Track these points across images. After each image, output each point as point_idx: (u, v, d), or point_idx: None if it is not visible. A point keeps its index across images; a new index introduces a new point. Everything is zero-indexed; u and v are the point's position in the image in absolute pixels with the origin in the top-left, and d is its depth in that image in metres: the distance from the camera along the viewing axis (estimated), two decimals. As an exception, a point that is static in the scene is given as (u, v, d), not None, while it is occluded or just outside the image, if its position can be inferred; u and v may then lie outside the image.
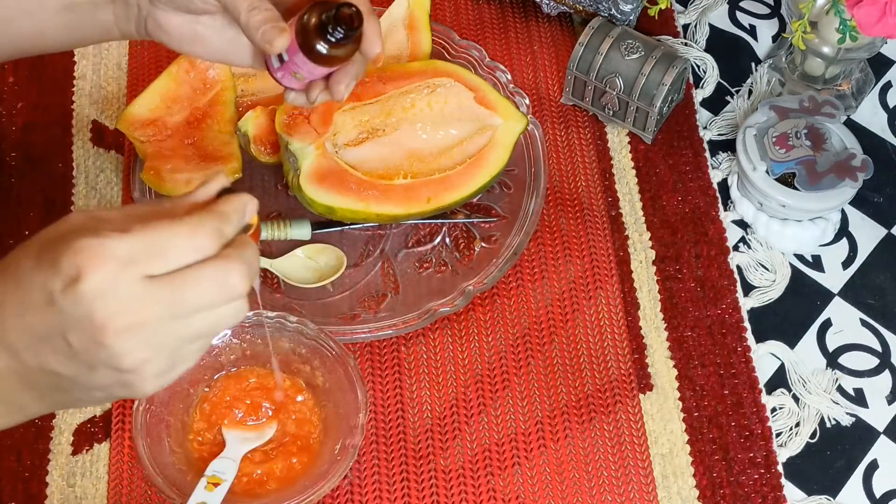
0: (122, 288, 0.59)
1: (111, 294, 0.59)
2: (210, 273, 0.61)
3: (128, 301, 0.59)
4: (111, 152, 1.11)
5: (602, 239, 1.07)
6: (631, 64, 1.09)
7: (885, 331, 1.03)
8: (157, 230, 0.60)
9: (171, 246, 0.60)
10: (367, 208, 1.00)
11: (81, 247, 0.59)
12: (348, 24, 0.75)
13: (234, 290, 0.62)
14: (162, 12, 0.80)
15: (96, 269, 0.58)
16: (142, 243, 0.60)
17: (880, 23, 0.96)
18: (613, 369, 1.00)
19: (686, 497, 0.94)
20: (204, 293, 0.61)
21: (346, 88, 0.80)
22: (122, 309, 0.59)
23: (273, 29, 0.75)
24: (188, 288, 0.60)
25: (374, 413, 0.97)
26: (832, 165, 1.04)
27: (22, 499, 0.93)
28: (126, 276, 0.59)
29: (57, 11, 0.81)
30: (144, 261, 0.60)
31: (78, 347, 0.60)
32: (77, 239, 0.59)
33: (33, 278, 0.60)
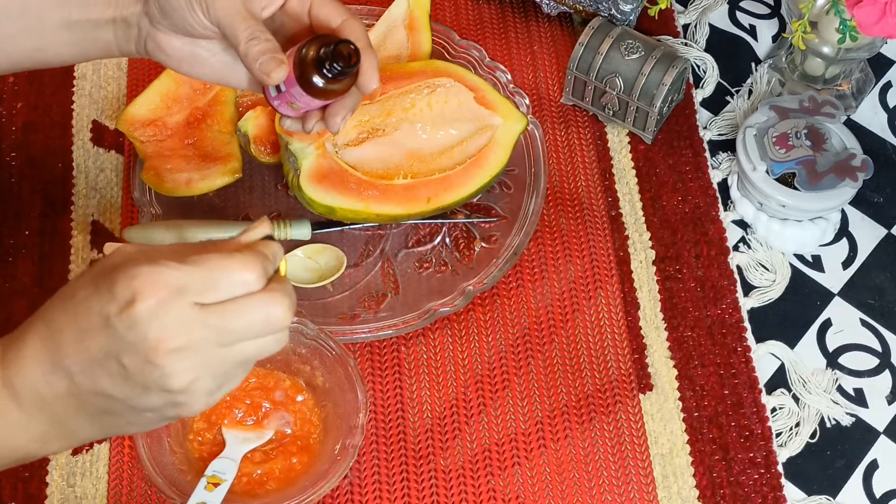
0: (174, 313, 0.62)
1: (164, 318, 0.62)
2: (257, 306, 0.64)
3: (179, 325, 0.62)
4: (111, 152, 1.11)
5: (602, 239, 1.07)
6: (631, 64, 1.09)
7: (885, 331, 1.03)
8: (209, 262, 0.64)
9: (221, 278, 0.64)
10: (367, 208, 1.00)
11: (137, 273, 0.62)
12: (345, 60, 0.77)
13: (278, 323, 0.65)
14: (162, 34, 0.80)
15: (151, 294, 0.62)
16: (195, 273, 0.63)
17: (880, 23, 0.96)
18: (613, 369, 1.00)
19: (686, 497, 0.94)
20: (250, 324, 0.65)
21: (341, 120, 0.82)
22: (173, 332, 0.62)
23: (271, 60, 0.76)
24: (236, 318, 0.64)
25: (374, 413, 0.97)
26: (832, 165, 1.04)
27: (22, 499, 0.93)
28: (178, 302, 0.62)
29: (56, 29, 0.82)
30: (196, 290, 0.63)
31: (131, 369, 0.63)
32: (133, 266, 0.63)
33: (90, 304, 0.64)
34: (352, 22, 0.80)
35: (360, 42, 0.79)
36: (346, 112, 0.82)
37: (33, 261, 1.04)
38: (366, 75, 0.79)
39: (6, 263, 1.04)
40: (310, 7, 0.80)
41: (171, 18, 0.79)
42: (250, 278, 0.64)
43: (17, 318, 1.00)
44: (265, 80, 0.77)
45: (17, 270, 1.04)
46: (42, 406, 0.66)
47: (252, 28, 0.77)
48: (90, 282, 0.64)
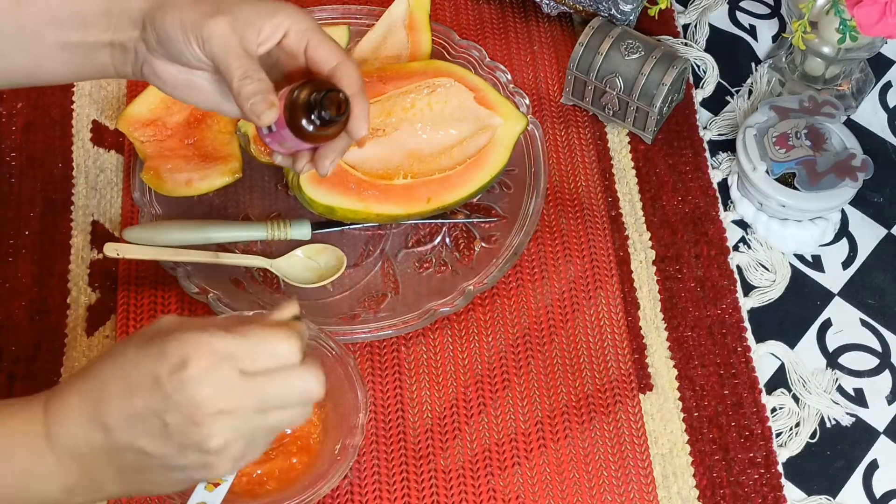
0: (221, 377, 0.66)
1: (211, 381, 0.66)
2: (297, 378, 0.69)
3: (224, 389, 0.66)
4: (111, 152, 1.11)
5: (602, 239, 1.07)
6: (631, 64, 1.09)
7: (885, 331, 1.03)
8: (255, 334, 0.68)
9: (265, 349, 0.68)
10: (367, 208, 1.00)
11: (189, 339, 0.66)
12: (334, 109, 0.78)
13: (310, 395, 0.69)
14: (158, 60, 0.81)
15: (201, 359, 0.66)
16: (241, 343, 0.67)
17: (880, 23, 0.96)
18: (613, 369, 1.00)
19: (686, 497, 0.94)
20: (288, 394, 0.69)
21: (330, 164, 0.83)
22: (218, 395, 0.66)
23: (262, 102, 0.77)
24: (277, 387, 0.68)
25: (374, 413, 0.97)
26: (832, 165, 1.04)
27: None
28: (225, 368, 0.67)
29: (54, 50, 0.82)
30: (242, 358, 0.67)
31: (173, 427, 0.67)
32: (185, 332, 0.67)
33: (140, 362, 0.67)
34: (346, 65, 0.80)
35: (353, 87, 0.79)
36: (335, 156, 0.83)
37: (33, 261, 1.04)
38: (356, 121, 0.80)
39: (6, 263, 1.04)
40: (306, 46, 0.80)
41: (167, 48, 0.79)
42: (290, 352, 0.68)
43: (18, 319, 1.01)
44: (255, 122, 0.78)
45: (17, 270, 1.04)
46: (76, 456, 0.69)
47: (246, 66, 0.77)
48: (141, 344, 0.68)
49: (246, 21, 0.78)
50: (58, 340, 1.00)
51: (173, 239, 1.01)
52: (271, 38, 0.79)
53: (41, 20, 0.81)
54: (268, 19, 0.79)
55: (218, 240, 1.03)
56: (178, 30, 0.78)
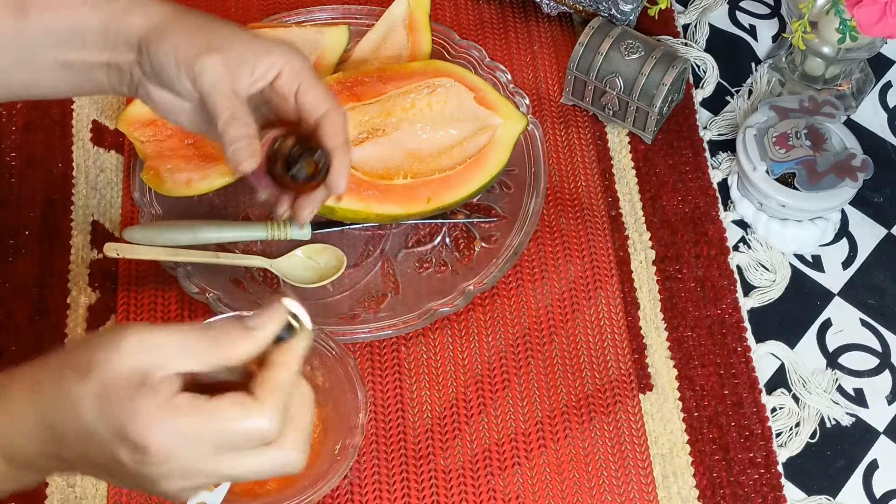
0: (185, 462, 0.63)
1: (173, 464, 0.63)
2: (270, 459, 0.65)
3: (189, 472, 0.63)
4: (111, 152, 1.11)
5: (602, 239, 1.07)
6: (631, 64, 1.09)
7: (885, 331, 1.03)
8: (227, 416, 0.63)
9: (237, 434, 0.63)
10: (367, 208, 1.00)
11: (149, 424, 0.61)
12: (312, 168, 0.77)
13: (289, 469, 0.66)
14: (151, 85, 0.80)
15: (162, 447, 0.62)
16: (210, 427, 0.62)
17: (880, 23, 0.96)
18: (613, 369, 1.00)
19: (686, 497, 0.94)
20: (260, 474, 0.65)
21: (308, 213, 0.83)
22: (181, 476, 0.63)
23: (244, 150, 0.76)
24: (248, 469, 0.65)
25: (374, 413, 0.97)
26: (832, 165, 1.04)
27: (22, 499, 0.93)
28: (189, 452, 0.62)
29: (52, 67, 0.82)
30: (208, 442, 0.63)
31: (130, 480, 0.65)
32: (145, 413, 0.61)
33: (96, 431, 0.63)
34: (333, 114, 0.79)
35: (337, 139, 0.78)
36: (313, 207, 0.82)
37: (33, 261, 1.04)
38: (334, 176, 0.79)
39: (6, 263, 1.04)
40: (297, 89, 0.79)
41: (159, 76, 0.79)
42: (267, 431, 0.64)
43: (18, 318, 1.01)
44: (235, 168, 0.77)
45: (17, 270, 1.04)
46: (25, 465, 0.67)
47: (233, 108, 0.76)
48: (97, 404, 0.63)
49: (240, 58, 0.77)
50: (58, 340, 1.00)
51: (173, 239, 1.01)
52: (264, 77, 0.78)
53: (40, 38, 0.81)
54: (262, 58, 0.78)
55: (218, 240, 1.03)
56: (172, 61, 0.77)
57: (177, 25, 0.78)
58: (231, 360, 0.65)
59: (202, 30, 0.78)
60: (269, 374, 0.65)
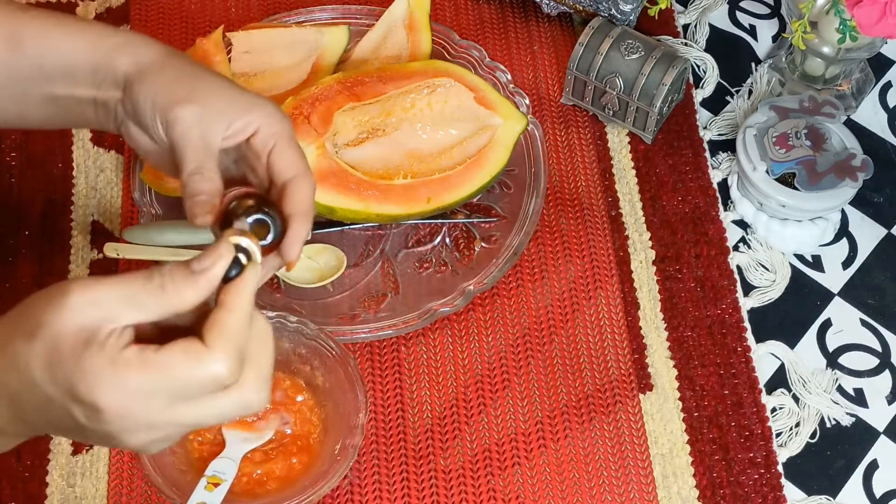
0: (140, 417, 0.62)
1: (129, 421, 0.62)
2: (230, 402, 0.64)
3: (146, 426, 0.63)
4: (111, 152, 1.11)
5: (602, 239, 1.07)
6: (631, 64, 1.09)
7: (885, 331, 1.03)
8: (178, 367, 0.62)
9: (191, 383, 0.62)
10: (367, 208, 1.00)
11: (98, 383, 0.61)
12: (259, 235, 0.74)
13: (252, 410, 0.65)
14: (132, 126, 0.80)
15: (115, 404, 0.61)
16: (162, 380, 0.62)
17: (880, 23, 0.96)
18: (613, 369, 1.00)
19: (686, 497, 0.94)
20: (222, 417, 0.64)
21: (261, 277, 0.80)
22: (140, 430, 0.63)
23: (201, 206, 0.74)
24: (207, 415, 0.64)
25: (374, 413, 0.97)
26: (832, 165, 1.04)
27: (22, 499, 0.93)
28: (144, 407, 0.62)
29: (40, 102, 0.82)
30: (162, 395, 0.62)
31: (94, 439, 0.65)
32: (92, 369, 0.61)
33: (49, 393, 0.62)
34: (300, 182, 0.77)
35: (298, 207, 0.76)
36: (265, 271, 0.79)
37: (33, 261, 1.04)
38: (287, 243, 0.76)
39: (6, 263, 1.04)
40: (271, 150, 0.77)
41: (138, 120, 0.78)
42: (222, 376, 0.63)
43: (17, 318, 1.01)
44: (190, 221, 0.76)
45: (17, 270, 1.04)
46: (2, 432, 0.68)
47: (199, 161, 0.75)
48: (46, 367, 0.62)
49: (217, 112, 0.76)
50: (58, 340, 1.00)
51: (173, 239, 1.01)
52: (239, 134, 0.77)
53: (32, 72, 0.81)
54: (241, 115, 0.77)
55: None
56: (149, 106, 0.77)
57: (162, 70, 0.78)
58: (179, 306, 0.64)
59: (186, 78, 0.78)
60: (219, 316, 0.64)
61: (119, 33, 0.81)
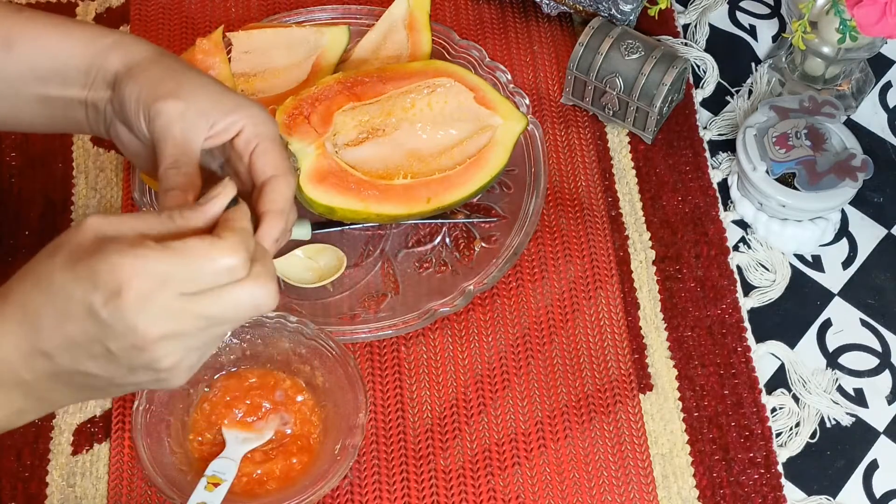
0: (160, 303, 0.63)
1: (150, 308, 0.63)
2: (244, 295, 0.66)
3: (165, 314, 0.64)
4: (111, 152, 1.11)
5: (602, 239, 1.07)
6: (631, 64, 1.09)
7: (885, 331, 1.03)
8: (195, 252, 0.64)
9: (207, 268, 0.65)
10: (367, 208, 1.00)
11: (121, 262, 0.63)
12: None
13: (264, 307, 0.67)
14: (120, 125, 0.80)
15: (136, 286, 0.63)
16: (179, 264, 0.64)
17: (880, 23, 0.96)
18: (613, 369, 1.00)
19: (686, 497, 0.94)
20: (237, 311, 0.66)
21: None
22: (161, 322, 0.64)
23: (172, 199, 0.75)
24: (223, 307, 0.66)
25: (374, 413, 0.97)
26: (832, 165, 1.04)
27: (22, 499, 0.93)
28: (164, 292, 0.63)
29: (33, 102, 0.82)
30: (181, 280, 0.64)
31: (118, 353, 0.65)
32: (115, 254, 0.63)
33: (72, 290, 0.64)
34: (278, 182, 0.77)
35: (273, 205, 0.76)
36: None
37: (33, 261, 1.04)
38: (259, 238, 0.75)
39: (6, 263, 1.04)
40: (253, 150, 0.78)
41: (123, 116, 0.79)
42: (236, 265, 0.65)
43: (17, 318, 1.00)
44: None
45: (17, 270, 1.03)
46: (20, 383, 0.67)
47: (177, 156, 0.76)
48: (67, 266, 0.65)
49: (200, 111, 0.77)
50: (58, 340, 1.00)
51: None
52: (223, 134, 0.77)
53: (24, 73, 0.81)
54: (224, 115, 0.77)
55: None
56: (133, 100, 0.77)
57: (150, 68, 0.78)
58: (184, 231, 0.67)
59: (173, 75, 0.78)
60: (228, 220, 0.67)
61: (111, 34, 0.81)
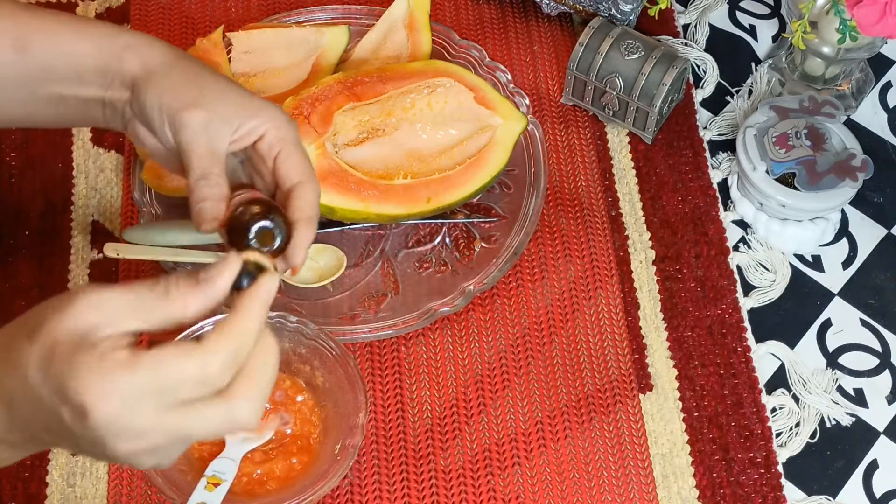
0: (128, 422, 0.61)
1: (117, 427, 0.61)
2: (217, 413, 0.63)
3: (134, 434, 0.62)
4: (111, 152, 1.11)
5: (602, 239, 1.07)
6: (631, 64, 1.09)
7: (885, 331, 1.03)
8: (166, 365, 0.61)
9: (179, 382, 0.61)
10: (367, 208, 1.00)
11: (87, 385, 0.60)
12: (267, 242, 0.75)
13: (240, 426, 0.64)
14: (141, 127, 0.81)
15: (102, 409, 0.60)
16: (151, 380, 0.61)
17: (880, 23, 0.96)
18: (613, 369, 1.00)
19: (686, 497, 0.94)
20: (209, 430, 0.63)
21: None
22: (128, 439, 0.62)
23: (207, 212, 0.75)
24: (194, 425, 0.62)
25: (374, 413, 0.97)
26: (832, 165, 1.04)
27: (22, 499, 0.93)
28: (131, 411, 0.61)
29: (48, 102, 0.82)
30: (151, 396, 0.61)
31: (85, 447, 0.63)
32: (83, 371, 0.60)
33: (41, 394, 0.62)
34: (305, 187, 0.78)
35: (303, 212, 0.77)
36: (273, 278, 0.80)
37: (33, 261, 1.04)
38: (293, 249, 0.76)
39: (6, 263, 1.04)
40: (277, 154, 0.78)
41: (146, 122, 0.79)
42: (212, 376, 0.62)
43: (17, 318, 1.01)
44: (196, 227, 0.76)
45: (17, 270, 1.04)
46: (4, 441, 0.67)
47: (205, 167, 0.76)
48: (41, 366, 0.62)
49: (223, 118, 0.77)
50: (58, 340, 1.00)
51: (173, 239, 1.01)
52: (245, 139, 0.78)
53: (39, 73, 0.81)
54: (247, 120, 0.77)
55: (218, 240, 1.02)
56: (156, 110, 0.77)
57: (169, 73, 0.78)
58: (182, 315, 0.64)
59: (193, 82, 0.78)
60: (225, 319, 0.64)
61: (125, 33, 0.81)
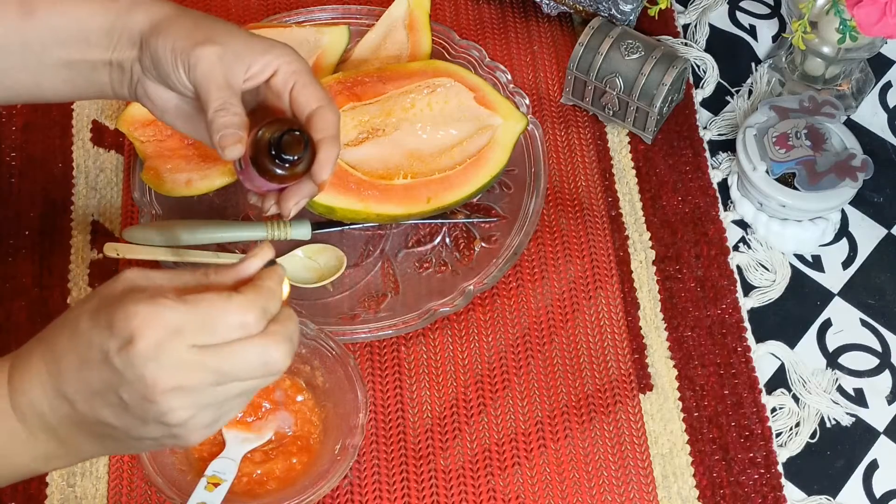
0: (172, 354, 0.64)
1: (161, 359, 0.64)
2: (254, 351, 0.66)
3: (176, 366, 0.64)
4: (111, 152, 1.11)
5: (602, 239, 1.07)
6: (631, 64, 1.09)
7: (885, 331, 1.03)
8: (209, 305, 0.65)
9: (219, 322, 0.65)
10: (367, 208, 1.00)
11: (136, 311, 0.64)
12: (294, 149, 0.77)
13: (274, 367, 0.67)
14: (151, 82, 0.81)
15: (148, 335, 0.63)
16: (193, 315, 0.64)
17: (880, 23, 0.96)
18: (613, 369, 1.00)
19: (686, 497, 0.94)
20: (246, 368, 0.66)
21: (294, 206, 0.82)
22: (170, 373, 0.64)
23: (230, 136, 0.76)
24: (233, 362, 0.65)
25: (374, 413, 0.97)
26: (832, 165, 1.04)
27: (22, 499, 0.93)
28: (175, 343, 0.64)
29: (55, 68, 0.83)
30: (193, 332, 0.64)
31: (129, 402, 0.65)
32: (132, 303, 0.64)
33: (91, 336, 0.65)
34: (325, 111, 0.79)
35: (326, 132, 0.78)
36: (299, 198, 0.82)
37: (33, 261, 1.04)
38: (319, 165, 0.79)
39: (6, 263, 1.04)
40: (292, 87, 0.79)
41: (158, 70, 0.80)
42: (249, 321, 0.66)
43: (17, 319, 1.01)
44: (221, 154, 0.78)
45: (17, 270, 1.04)
46: (47, 429, 0.68)
47: (224, 98, 0.77)
48: (91, 313, 0.66)
49: (236, 54, 0.78)
50: (58, 340, 1.00)
51: (173, 239, 1.01)
52: (259, 75, 0.79)
53: (45, 38, 0.81)
54: (259, 56, 0.79)
55: (218, 240, 1.03)
56: (169, 53, 0.78)
57: (178, 21, 0.80)
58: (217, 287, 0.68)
59: (201, 25, 0.79)
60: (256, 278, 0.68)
61: None
